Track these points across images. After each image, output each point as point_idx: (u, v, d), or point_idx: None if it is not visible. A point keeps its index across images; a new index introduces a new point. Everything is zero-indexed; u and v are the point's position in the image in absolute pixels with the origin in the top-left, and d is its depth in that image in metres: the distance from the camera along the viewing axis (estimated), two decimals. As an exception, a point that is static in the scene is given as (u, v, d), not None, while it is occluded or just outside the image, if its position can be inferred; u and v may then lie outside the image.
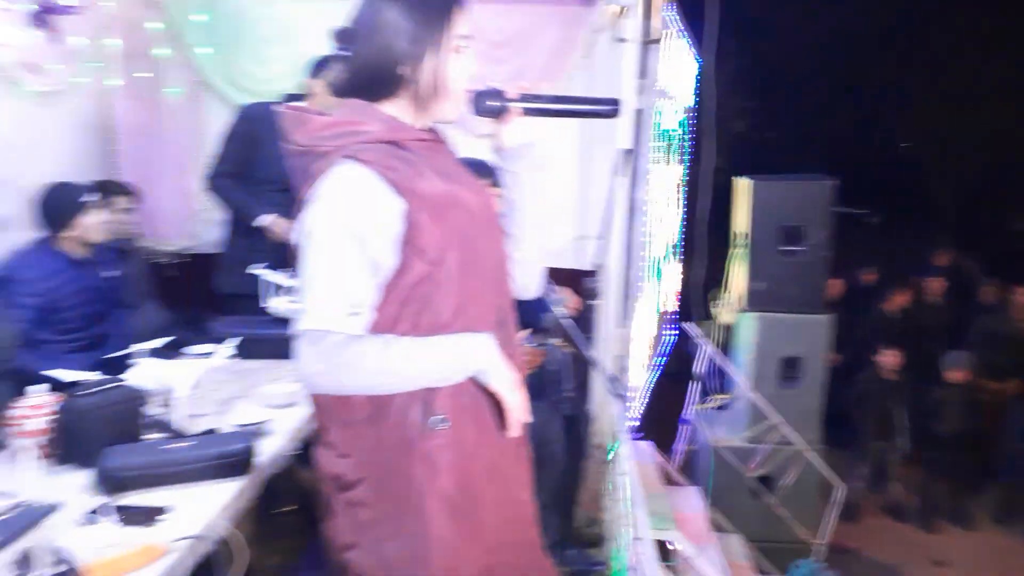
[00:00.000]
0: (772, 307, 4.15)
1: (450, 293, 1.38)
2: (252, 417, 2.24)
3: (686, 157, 4.87)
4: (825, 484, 4.17)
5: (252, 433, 2.14)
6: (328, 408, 1.41)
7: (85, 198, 2.99)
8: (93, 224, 3.00)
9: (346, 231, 1.29)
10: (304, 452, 2.08)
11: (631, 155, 2.66)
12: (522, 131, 1.55)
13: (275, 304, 3.00)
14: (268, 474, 2.08)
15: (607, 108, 1.62)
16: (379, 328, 1.35)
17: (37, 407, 2.03)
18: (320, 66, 3.04)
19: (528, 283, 1.63)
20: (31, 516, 1.30)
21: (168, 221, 4.12)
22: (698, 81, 4.52)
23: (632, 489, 2.07)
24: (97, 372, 2.27)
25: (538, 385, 2.79)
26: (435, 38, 1.38)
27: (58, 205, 2.98)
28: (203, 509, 1.78)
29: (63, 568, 1.39)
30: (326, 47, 2.75)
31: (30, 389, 2.08)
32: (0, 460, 2.07)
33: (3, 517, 1.29)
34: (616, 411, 2.54)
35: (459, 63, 1.42)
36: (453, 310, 1.38)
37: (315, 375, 1.29)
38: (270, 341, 2.88)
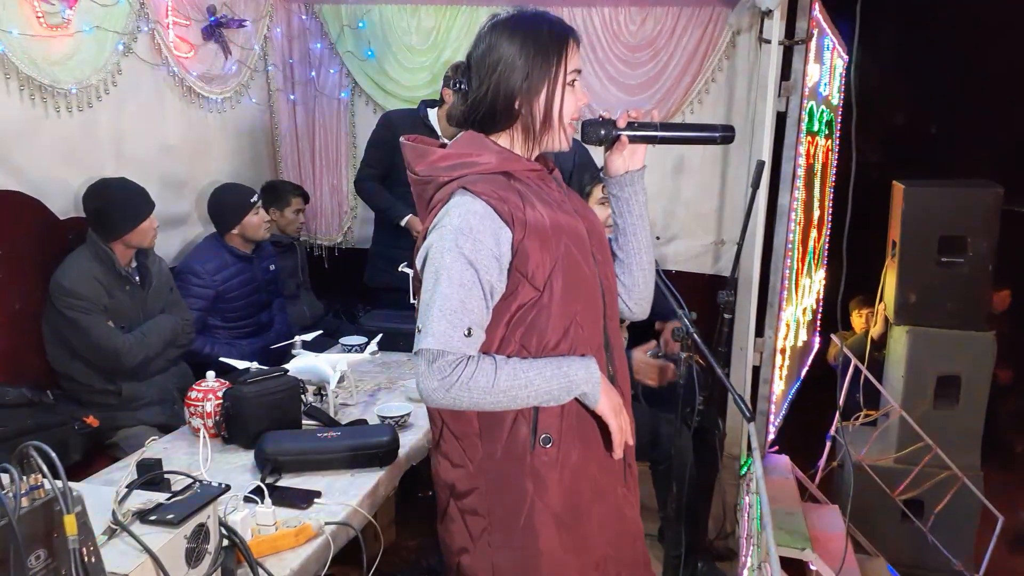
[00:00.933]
0: (927, 321, 3.89)
1: (556, 316, 1.43)
2: (396, 410, 2.36)
3: (835, 160, 4.67)
4: (986, 512, 3.88)
5: (396, 426, 2.26)
6: (444, 420, 1.50)
7: (252, 199, 3.24)
8: (257, 223, 3.25)
9: (463, 259, 1.36)
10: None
11: (763, 165, 2.57)
12: (630, 158, 1.62)
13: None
14: (408, 466, 2.20)
15: (720, 135, 1.61)
16: (488, 348, 1.42)
17: (209, 391, 2.23)
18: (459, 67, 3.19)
19: (637, 307, 1.68)
20: (206, 494, 1.44)
21: (323, 218, 4.38)
22: (847, 80, 4.32)
23: (763, 509, 2.02)
24: (254, 362, 2.46)
25: (667, 397, 2.77)
26: (549, 74, 1.44)
27: (227, 205, 3.25)
28: (349, 495, 1.90)
29: (229, 543, 1.53)
30: (464, 55, 2.87)
31: (208, 374, 2.29)
32: (179, 435, 2.30)
33: (184, 496, 1.43)
34: (749, 426, 2.48)
35: (570, 96, 1.48)
36: (559, 333, 1.44)
37: (431, 391, 1.38)
38: (414, 336, 3.01)
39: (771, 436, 3.67)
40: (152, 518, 1.37)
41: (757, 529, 2.26)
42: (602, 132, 1.58)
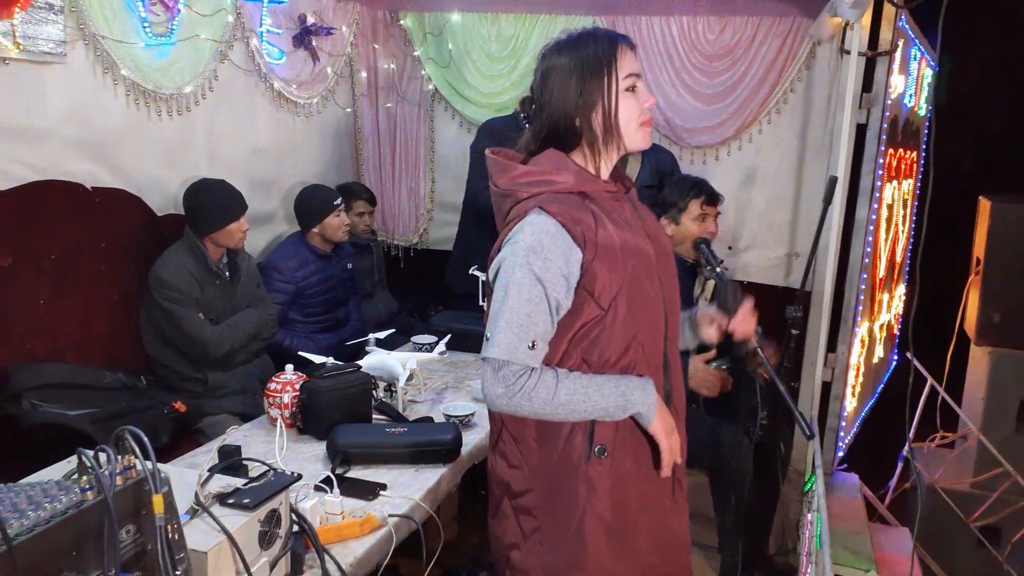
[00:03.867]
0: (1011, 343, 3.75)
1: (618, 335, 1.48)
2: (461, 409, 2.44)
3: (919, 172, 4.53)
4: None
5: (460, 424, 2.34)
6: (503, 423, 1.58)
7: (336, 202, 3.39)
8: (337, 224, 3.39)
9: (532, 275, 1.42)
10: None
11: (835, 181, 2.54)
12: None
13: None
14: (471, 464, 2.27)
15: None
16: (550, 360, 1.48)
17: (287, 383, 2.36)
18: None
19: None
20: (280, 482, 1.55)
21: (400, 219, 4.52)
22: (933, 90, 4.19)
23: (823, 527, 2.01)
24: (331, 357, 2.58)
25: (728, 407, 2.77)
26: (602, 86, 1.49)
27: (312, 205, 3.40)
28: (412, 490, 1.99)
29: (299, 528, 1.64)
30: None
31: (287, 367, 2.43)
32: (258, 424, 2.44)
33: (259, 483, 1.53)
34: (812, 443, 2.46)
35: (631, 101, 1.51)
36: (620, 350, 1.50)
37: (495, 397, 1.45)
38: (482, 337, 3.09)
39: (841, 453, 3.60)
40: (230, 501, 1.48)
41: (816, 547, 2.25)
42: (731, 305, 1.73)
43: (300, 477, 1.61)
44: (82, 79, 2.65)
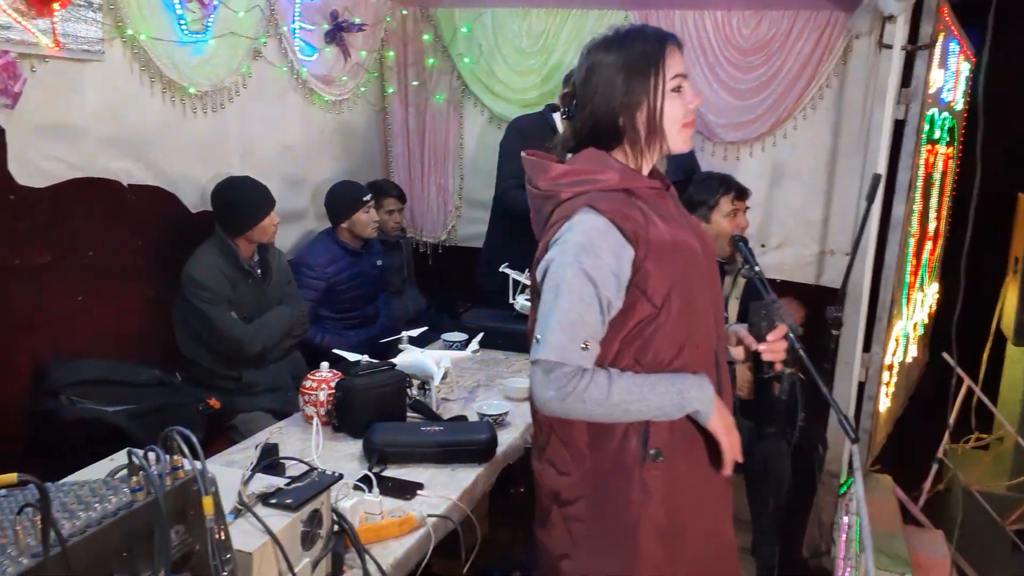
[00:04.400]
0: (1050, 343, 3.69)
1: (672, 334, 1.45)
2: (495, 408, 2.43)
3: (955, 169, 4.45)
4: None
5: (494, 423, 2.33)
6: (552, 428, 1.54)
7: (365, 198, 3.39)
8: (366, 221, 3.39)
9: (584, 275, 1.39)
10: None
11: (879, 178, 2.49)
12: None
13: (520, 301, 3.21)
14: (505, 463, 2.26)
15: None
16: (602, 361, 1.45)
17: (323, 380, 2.37)
18: (569, 79, 3.21)
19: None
20: (322, 482, 1.54)
21: (428, 216, 4.51)
22: (974, 85, 4.11)
23: (863, 531, 1.98)
24: (364, 355, 2.58)
25: (766, 413, 2.73)
26: (648, 86, 1.46)
27: (341, 200, 3.41)
28: (449, 489, 1.99)
29: (339, 528, 1.63)
30: (572, 59, 2.90)
31: (322, 365, 2.43)
32: (293, 421, 2.44)
33: (302, 483, 1.53)
34: (852, 446, 2.42)
35: (677, 101, 1.48)
36: (674, 350, 1.46)
37: (547, 400, 1.42)
38: (513, 335, 3.10)
39: (874, 454, 3.55)
40: (273, 501, 1.48)
41: (856, 551, 2.22)
42: (763, 325, 1.62)
43: (341, 477, 1.61)
44: (119, 77, 2.67)
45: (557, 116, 3.40)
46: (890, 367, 3.50)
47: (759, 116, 3.73)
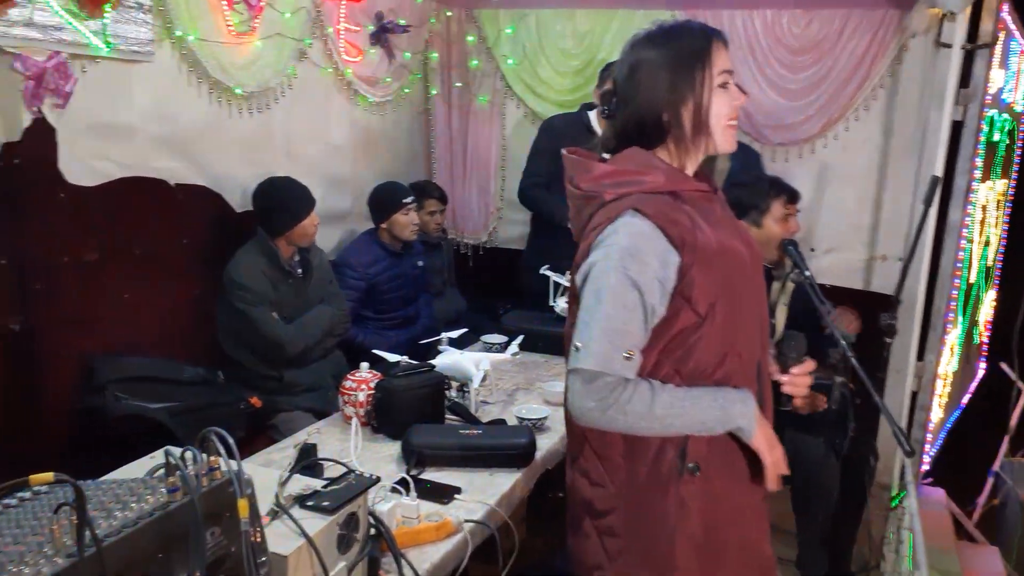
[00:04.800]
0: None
1: (715, 344, 1.40)
2: (534, 412, 2.40)
3: (1014, 172, 4.29)
4: None
5: (533, 428, 2.30)
6: (586, 438, 1.49)
7: (406, 200, 3.39)
8: (405, 222, 3.39)
9: (628, 280, 1.33)
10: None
11: (938, 181, 2.40)
12: None
13: (560, 304, 3.17)
14: (543, 469, 2.23)
15: None
16: (640, 371, 1.40)
17: (362, 381, 2.36)
18: (605, 75, 3.18)
19: None
20: (360, 485, 1.53)
21: (470, 218, 4.50)
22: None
23: (917, 547, 1.90)
24: (404, 356, 2.57)
25: (816, 422, 2.65)
26: (694, 81, 1.40)
27: (382, 200, 3.41)
28: (487, 494, 1.96)
29: (376, 532, 1.62)
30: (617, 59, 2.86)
31: (362, 365, 2.43)
32: (332, 421, 2.44)
33: (339, 485, 1.52)
34: (905, 458, 2.34)
35: (724, 98, 1.43)
36: (716, 360, 1.41)
37: (587, 411, 1.36)
38: (553, 338, 3.06)
39: (925, 467, 3.43)
40: (310, 504, 1.47)
41: (909, 568, 2.14)
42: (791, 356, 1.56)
43: (379, 480, 1.60)
44: (168, 77, 2.70)
45: (592, 115, 3.36)
46: (944, 376, 3.39)
47: (809, 117, 3.64)
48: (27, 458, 2.33)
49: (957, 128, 3.02)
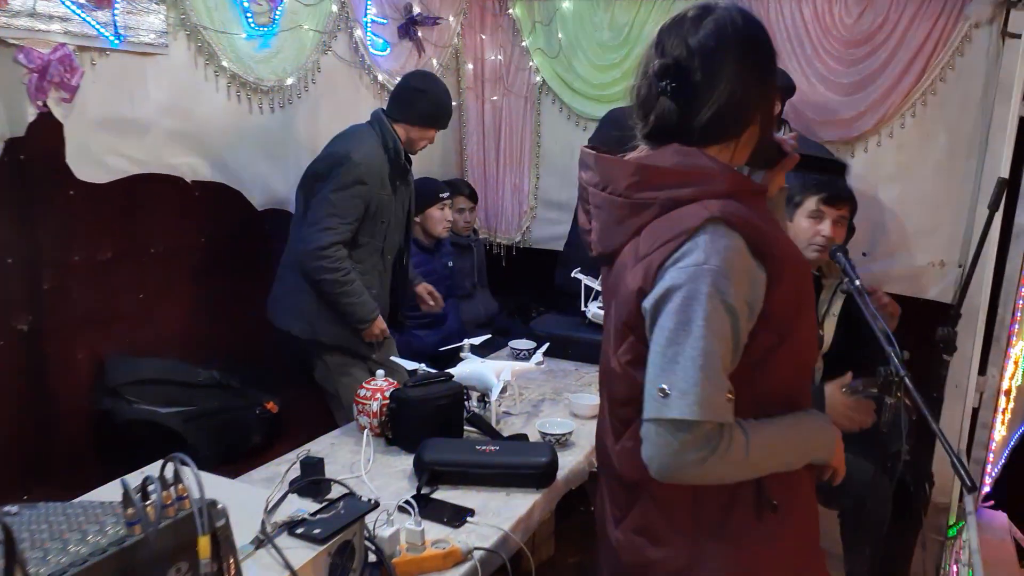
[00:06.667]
0: None
1: (788, 364, 1.21)
2: (558, 427, 2.25)
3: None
4: None
5: (556, 444, 2.15)
6: (649, 490, 1.27)
7: (442, 195, 3.28)
8: (439, 218, 3.27)
9: (723, 306, 1.12)
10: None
11: (1005, 183, 2.19)
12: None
13: (592, 309, 3.02)
14: (566, 490, 2.08)
15: None
16: None
17: (377, 390, 2.24)
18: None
19: None
20: (356, 511, 1.40)
21: (503, 217, 4.37)
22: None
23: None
24: (422, 363, 2.44)
25: (867, 443, 2.44)
26: (772, 82, 1.28)
27: (418, 195, 3.28)
28: (502, 518, 1.81)
29: (376, 559, 1.49)
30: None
31: (378, 373, 2.30)
32: (347, 431, 2.32)
33: (333, 511, 1.39)
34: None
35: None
36: (787, 382, 1.23)
37: (682, 466, 1.12)
38: (583, 344, 2.92)
39: (986, 488, 3.19)
40: (299, 531, 1.35)
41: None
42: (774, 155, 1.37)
43: (377, 505, 1.46)
44: (183, 71, 2.62)
45: None
46: (1007, 392, 3.14)
47: (862, 113, 3.41)
48: (38, 462, 2.26)
49: (1024, 125, 2.79)
